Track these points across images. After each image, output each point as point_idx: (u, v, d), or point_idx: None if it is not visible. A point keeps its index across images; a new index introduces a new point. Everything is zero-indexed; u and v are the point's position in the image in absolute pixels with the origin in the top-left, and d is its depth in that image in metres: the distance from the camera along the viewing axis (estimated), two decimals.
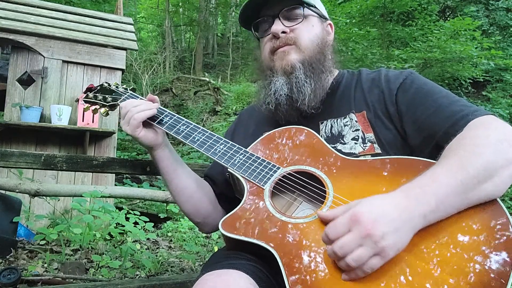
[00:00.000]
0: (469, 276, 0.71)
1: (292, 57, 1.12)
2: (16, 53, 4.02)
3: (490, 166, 0.80)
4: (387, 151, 1.03)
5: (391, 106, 1.06)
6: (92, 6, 9.59)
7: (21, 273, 2.11)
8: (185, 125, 1.16)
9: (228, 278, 0.80)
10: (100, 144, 4.28)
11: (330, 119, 1.13)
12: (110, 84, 1.33)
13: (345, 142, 1.07)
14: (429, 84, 1.07)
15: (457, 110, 0.95)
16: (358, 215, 0.74)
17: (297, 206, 0.99)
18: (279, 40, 1.13)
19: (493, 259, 0.72)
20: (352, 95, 1.14)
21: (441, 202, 0.77)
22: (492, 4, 10.37)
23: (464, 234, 0.77)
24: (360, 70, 1.22)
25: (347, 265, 0.74)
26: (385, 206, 0.76)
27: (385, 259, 0.74)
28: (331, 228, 0.77)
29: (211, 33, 17.41)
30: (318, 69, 1.13)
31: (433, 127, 0.97)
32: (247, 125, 1.29)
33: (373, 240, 0.72)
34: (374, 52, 8.17)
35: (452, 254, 0.75)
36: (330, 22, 1.24)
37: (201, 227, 1.29)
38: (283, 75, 1.12)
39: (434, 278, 0.73)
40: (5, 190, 2.89)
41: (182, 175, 1.20)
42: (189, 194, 1.20)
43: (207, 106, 11.04)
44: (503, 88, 9.16)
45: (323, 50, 1.16)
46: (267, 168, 1.01)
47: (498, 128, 0.87)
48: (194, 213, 1.23)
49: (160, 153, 1.18)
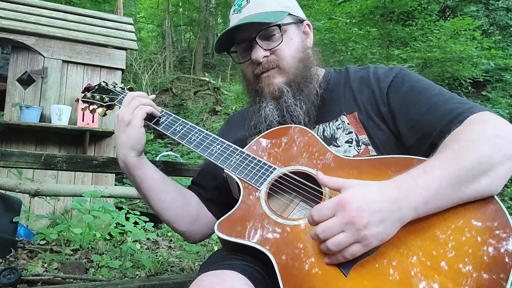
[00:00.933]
0: (464, 273, 0.71)
1: (277, 81, 1.10)
2: (16, 53, 4.02)
3: (485, 160, 0.79)
4: (381, 152, 1.02)
5: (383, 106, 1.05)
6: (92, 6, 9.59)
7: (21, 273, 2.11)
8: (181, 125, 1.14)
9: (224, 279, 0.80)
10: (100, 144, 4.28)
11: (322, 124, 1.11)
12: (107, 83, 1.32)
13: (339, 145, 1.06)
14: (421, 81, 1.05)
15: (453, 108, 0.94)
16: (344, 201, 0.75)
17: (294, 207, 0.98)
18: (261, 66, 1.10)
19: (494, 256, 0.72)
20: (342, 96, 1.12)
21: (433, 195, 0.76)
22: (492, 4, 10.37)
23: (462, 231, 0.76)
24: (347, 68, 1.19)
25: (327, 248, 0.75)
26: (374, 195, 0.76)
27: (366, 248, 0.74)
28: (317, 209, 0.78)
29: (211, 33, 17.39)
30: (304, 85, 1.10)
31: (428, 126, 0.96)
32: (237, 130, 1.26)
33: (356, 228, 0.73)
34: (374, 52, 8.17)
35: (447, 251, 0.74)
36: (307, 22, 1.19)
37: (187, 237, 1.23)
38: (272, 100, 1.10)
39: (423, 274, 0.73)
40: (5, 190, 2.89)
41: (165, 187, 1.15)
42: (170, 200, 1.15)
43: (207, 106, 11.03)
44: (503, 88, 9.16)
45: (306, 62, 1.13)
46: (263, 169, 1.00)
47: (495, 124, 0.87)
48: (177, 221, 1.17)
49: (144, 160, 1.13)
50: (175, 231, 1.21)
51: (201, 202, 1.24)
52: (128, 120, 1.07)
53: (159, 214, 1.17)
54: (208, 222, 1.22)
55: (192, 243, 1.41)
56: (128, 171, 1.11)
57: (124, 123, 1.07)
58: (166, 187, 1.15)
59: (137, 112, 1.07)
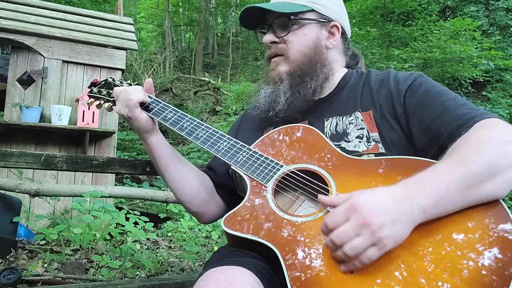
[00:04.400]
0: (470, 277, 0.71)
1: (281, 68, 1.16)
2: (16, 53, 4.02)
3: (493, 165, 0.80)
4: (391, 151, 1.03)
5: (399, 106, 1.06)
6: (92, 6, 9.59)
7: (21, 273, 2.11)
8: (188, 121, 1.16)
9: (231, 275, 0.80)
10: (100, 144, 4.28)
11: (336, 117, 1.13)
12: (114, 79, 1.33)
13: (349, 140, 1.07)
14: (437, 86, 1.07)
15: (464, 113, 0.95)
16: (356, 204, 0.75)
17: (299, 204, 0.99)
18: (271, 50, 1.18)
19: (498, 260, 0.72)
20: (359, 94, 1.14)
21: (441, 197, 0.77)
22: (492, 4, 10.37)
23: (467, 234, 0.76)
24: (369, 70, 1.22)
25: (344, 254, 0.74)
26: (384, 197, 0.76)
27: (382, 250, 0.74)
28: (329, 217, 0.77)
29: (211, 33, 17.40)
30: (306, 79, 1.14)
31: (439, 129, 0.97)
32: (252, 122, 1.29)
33: (371, 230, 0.73)
34: (374, 52, 8.18)
35: (456, 255, 0.74)
36: (335, 23, 1.19)
37: (199, 217, 1.28)
38: (272, 84, 1.17)
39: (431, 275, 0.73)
40: (5, 190, 2.88)
41: (178, 161, 1.21)
42: (185, 181, 1.20)
43: (207, 106, 11.04)
44: (503, 88, 9.17)
45: (314, 59, 1.15)
46: (270, 166, 1.01)
47: (504, 129, 0.87)
48: (190, 201, 1.22)
49: (156, 139, 1.18)
50: (188, 210, 1.27)
51: (213, 185, 1.27)
52: (126, 112, 1.13)
53: (174, 193, 1.23)
54: (219, 205, 1.26)
55: (203, 223, 1.49)
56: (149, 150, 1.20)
57: (125, 117, 1.15)
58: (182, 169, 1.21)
59: (129, 103, 1.13)
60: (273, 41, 1.16)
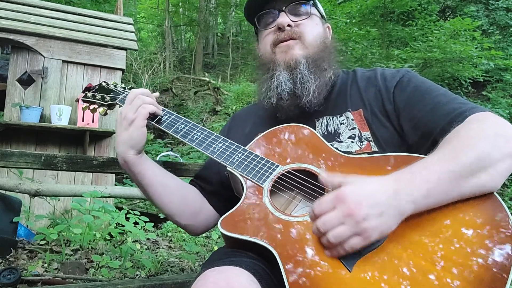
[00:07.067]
0: (467, 270, 0.72)
1: (296, 52, 1.11)
2: (16, 53, 4.03)
3: (484, 157, 0.80)
4: (383, 149, 1.03)
5: (389, 103, 1.06)
6: (92, 6, 9.59)
7: (21, 273, 2.11)
8: (183, 123, 1.15)
9: (229, 275, 0.80)
10: (100, 144, 4.28)
11: (326, 117, 1.13)
12: (108, 83, 1.33)
13: (342, 141, 1.07)
14: (426, 82, 1.07)
15: (455, 107, 0.95)
16: (343, 194, 0.76)
17: (296, 204, 0.99)
18: (284, 33, 1.12)
19: (496, 253, 0.72)
20: (348, 93, 1.14)
21: (432, 188, 0.78)
22: (492, 4, 10.37)
23: (464, 227, 0.77)
24: (355, 70, 1.22)
25: (328, 241, 0.76)
26: (373, 189, 0.77)
27: (366, 240, 0.75)
28: (317, 204, 0.79)
29: (211, 33, 17.40)
30: (321, 66, 1.12)
31: (430, 124, 0.97)
32: (244, 125, 1.28)
33: (355, 220, 0.74)
34: (374, 52, 8.18)
35: (449, 246, 0.75)
36: (328, 25, 1.24)
37: (190, 230, 1.24)
38: (285, 69, 1.10)
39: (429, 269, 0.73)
40: (5, 190, 2.89)
41: (164, 177, 1.16)
42: (172, 195, 1.16)
43: (207, 106, 11.03)
44: (503, 88, 9.16)
45: (325, 49, 1.16)
46: (265, 166, 1.01)
47: (496, 122, 0.88)
48: (179, 215, 1.18)
49: (144, 157, 1.13)
50: (177, 224, 1.22)
51: (202, 196, 1.25)
52: (131, 119, 1.07)
53: (161, 208, 1.18)
54: (209, 215, 1.24)
55: (194, 236, 1.44)
56: (128, 167, 1.11)
57: (127, 122, 1.07)
58: (167, 182, 1.16)
59: (140, 111, 1.07)
60: (289, 24, 1.12)
